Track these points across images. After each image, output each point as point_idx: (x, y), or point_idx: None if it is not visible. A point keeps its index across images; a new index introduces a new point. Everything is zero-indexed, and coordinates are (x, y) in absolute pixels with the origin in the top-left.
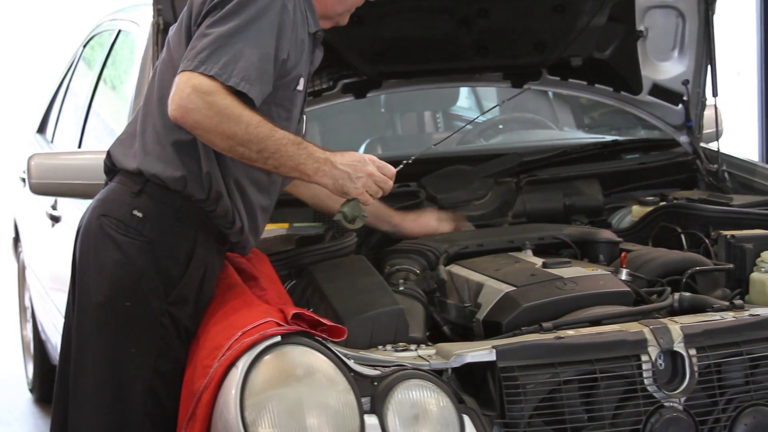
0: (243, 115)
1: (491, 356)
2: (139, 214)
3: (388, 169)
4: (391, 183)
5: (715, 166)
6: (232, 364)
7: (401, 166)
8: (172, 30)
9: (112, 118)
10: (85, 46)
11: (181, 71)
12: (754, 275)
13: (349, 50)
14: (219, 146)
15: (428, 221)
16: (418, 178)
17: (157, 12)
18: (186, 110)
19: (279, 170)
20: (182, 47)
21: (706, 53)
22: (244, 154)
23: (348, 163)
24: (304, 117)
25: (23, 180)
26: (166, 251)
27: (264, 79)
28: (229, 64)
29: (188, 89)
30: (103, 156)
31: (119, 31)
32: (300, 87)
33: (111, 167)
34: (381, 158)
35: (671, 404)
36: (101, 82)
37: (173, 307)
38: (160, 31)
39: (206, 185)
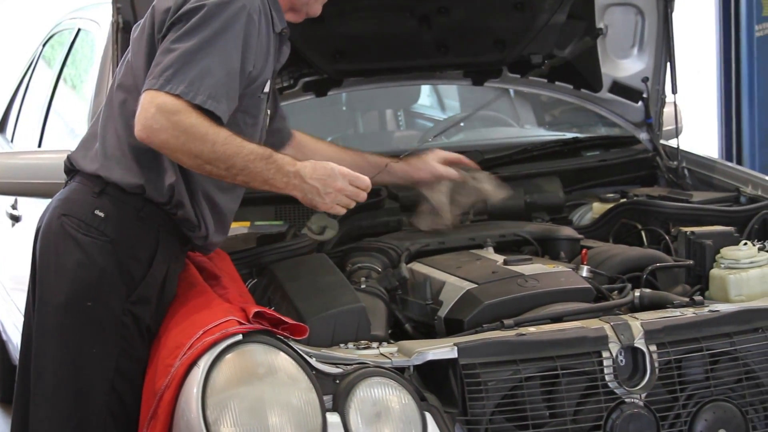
0: (209, 133)
1: (453, 354)
2: (101, 214)
3: (360, 181)
4: (363, 195)
5: (675, 162)
6: (193, 362)
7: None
8: (134, 32)
9: (72, 117)
10: (44, 45)
11: (146, 90)
12: (714, 271)
13: (310, 48)
14: (187, 164)
15: (433, 166)
16: None
17: (117, 11)
18: (152, 130)
19: (249, 185)
20: (142, 54)
21: (665, 51)
22: (213, 171)
23: (318, 177)
24: (269, 111)
25: None
26: (127, 251)
27: (230, 94)
28: (195, 82)
29: (153, 109)
30: (64, 155)
31: (79, 30)
32: (266, 90)
33: (71, 167)
34: None
35: (632, 400)
36: (61, 81)
37: (135, 307)
38: (119, 30)
39: (167, 194)
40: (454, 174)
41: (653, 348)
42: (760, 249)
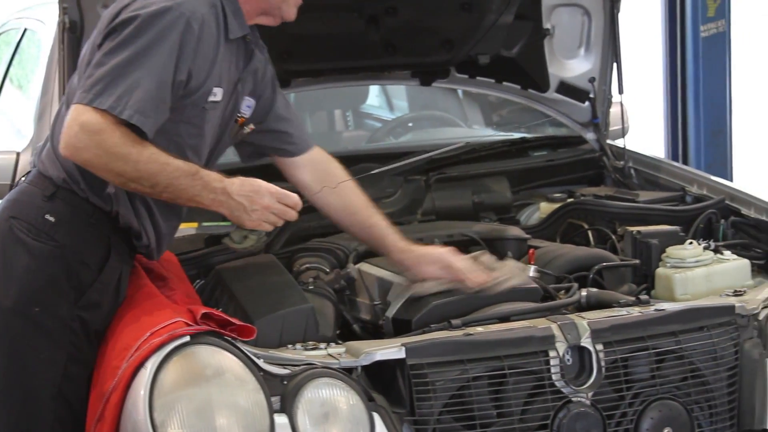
0: (131, 153)
1: (400, 354)
2: (52, 219)
3: (289, 199)
4: (292, 213)
5: (622, 162)
6: (140, 364)
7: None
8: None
9: (19, 117)
10: None
11: (75, 104)
12: (660, 270)
13: None
14: (112, 182)
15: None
16: None
17: (63, 10)
18: (75, 149)
19: (176, 201)
20: (85, 62)
21: (611, 51)
22: (138, 188)
23: (244, 193)
24: (240, 119)
25: None
26: (77, 257)
27: (160, 108)
28: (123, 96)
29: (76, 127)
30: (10, 156)
31: (25, 30)
32: (214, 99)
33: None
34: None
35: (579, 399)
36: (7, 82)
37: (84, 312)
38: (65, 30)
39: (108, 204)
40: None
41: (600, 347)
42: (705, 248)
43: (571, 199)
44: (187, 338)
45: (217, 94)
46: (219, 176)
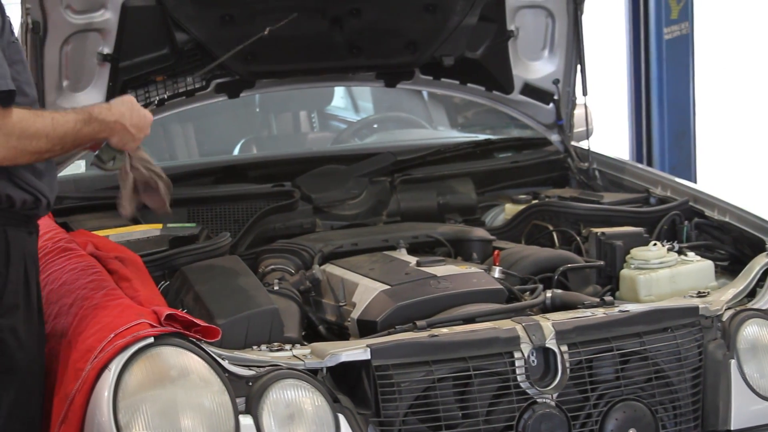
0: (39, 129)
1: (366, 355)
2: None
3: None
4: None
5: (586, 164)
6: (104, 366)
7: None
8: None
9: None
10: None
11: None
12: (624, 272)
13: (222, 50)
14: (25, 163)
15: None
16: (293, 178)
17: (26, 11)
18: None
19: (77, 149)
20: None
21: (575, 53)
22: (49, 156)
23: (134, 124)
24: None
25: None
26: None
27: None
28: None
29: None
30: None
31: None
32: (15, 32)
33: None
34: (255, 159)
35: (544, 400)
36: None
37: (5, 319)
38: (29, 31)
39: None
40: None
41: (564, 348)
42: (669, 249)
43: (535, 201)
44: (152, 339)
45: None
46: (106, 107)
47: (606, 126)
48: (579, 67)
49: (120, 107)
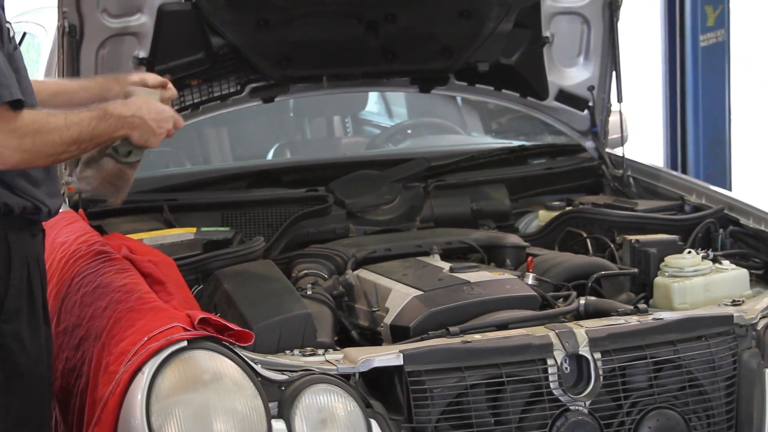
0: (52, 130)
1: (398, 360)
2: None
3: (180, 122)
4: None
5: (620, 171)
6: (138, 369)
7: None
8: None
9: None
10: None
11: None
12: (658, 279)
13: (257, 54)
14: (43, 165)
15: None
16: (326, 183)
17: (62, 15)
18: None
19: (96, 147)
20: None
21: (611, 59)
22: (68, 157)
23: (154, 118)
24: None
25: None
26: None
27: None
28: None
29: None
30: None
31: (24, 34)
32: (12, 42)
33: None
34: (289, 163)
35: (576, 407)
36: None
37: (7, 324)
38: (65, 34)
39: None
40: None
41: (597, 355)
42: (703, 257)
43: (569, 208)
44: (185, 343)
45: (13, 32)
46: (121, 103)
47: (641, 133)
48: (614, 73)
49: (136, 101)
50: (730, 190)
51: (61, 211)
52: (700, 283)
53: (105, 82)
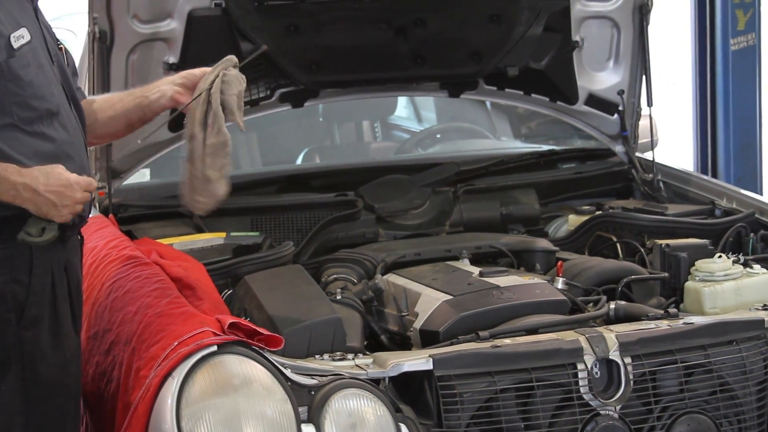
0: None
1: (428, 365)
2: None
3: (92, 185)
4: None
5: (651, 175)
6: (168, 374)
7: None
8: None
9: None
10: None
11: None
12: (689, 284)
13: (286, 59)
14: None
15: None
16: (356, 188)
17: (93, 21)
18: None
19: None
20: None
21: (641, 63)
22: None
23: (54, 189)
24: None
25: None
26: (5, 277)
27: None
28: None
29: None
30: None
31: None
32: (17, 44)
33: None
34: (318, 168)
35: (607, 412)
36: None
37: (27, 332)
38: (95, 40)
39: (8, 208)
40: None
41: (628, 360)
42: (734, 262)
43: (599, 212)
44: (215, 348)
45: (18, 41)
46: (18, 169)
47: (671, 137)
48: (644, 77)
49: (33, 171)
50: (760, 194)
51: (91, 216)
52: (730, 288)
53: (151, 83)
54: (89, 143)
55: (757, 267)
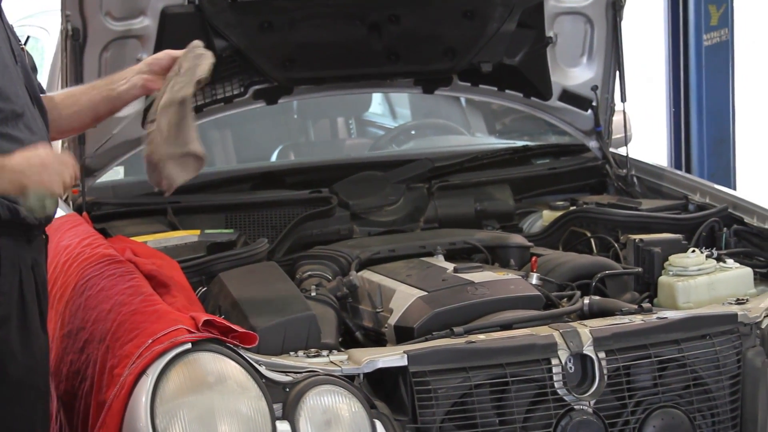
0: None
1: (403, 361)
2: None
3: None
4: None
5: (624, 170)
6: (142, 372)
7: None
8: None
9: None
10: None
11: None
12: (663, 278)
13: (260, 56)
14: None
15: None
16: (330, 184)
17: (66, 18)
18: None
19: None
20: None
21: (614, 59)
22: None
23: (43, 161)
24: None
25: None
26: None
27: None
28: None
29: None
30: None
31: (28, 37)
32: None
33: None
34: (293, 165)
35: (581, 407)
36: None
37: None
38: (68, 38)
39: None
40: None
41: (602, 355)
42: (708, 256)
43: (573, 207)
44: (189, 345)
45: None
46: (5, 157)
47: (645, 132)
48: (618, 73)
49: (15, 155)
50: (734, 189)
51: (64, 214)
52: (704, 282)
53: (113, 75)
54: (52, 138)
55: (730, 261)
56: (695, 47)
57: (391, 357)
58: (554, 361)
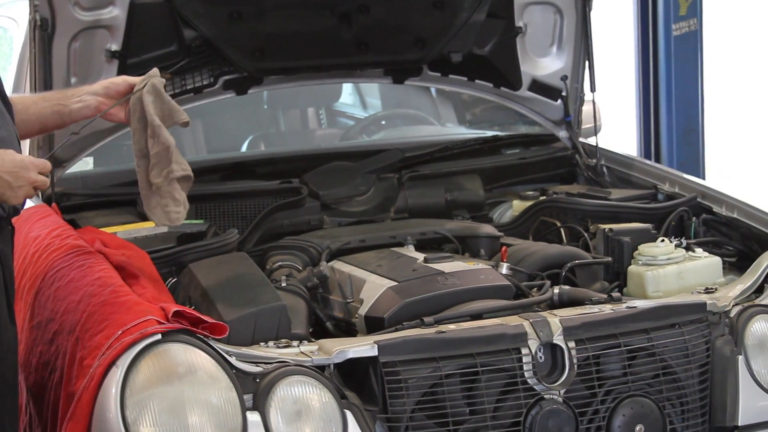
0: None
1: (373, 351)
2: None
3: (46, 167)
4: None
5: (594, 160)
6: (112, 363)
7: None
8: None
9: None
10: None
11: None
12: (632, 268)
13: (229, 46)
14: None
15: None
16: (300, 175)
17: (34, 8)
18: None
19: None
20: None
21: (584, 49)
22: None
23: (8, 170)
24: None
25: None
26: None
27: None
28: None
29: None
30: None
31: None
32: None
33: None
34: (263, 156)
35: (551, 396)
36: None
37: None
38: (37, 28)
39: None
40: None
41: (572, 344)
42: (677, 246)
43: (543, 197)
44: (159, 336)
45: None
46: None
47: (614, 122)
48: (587, 63)
49: None
50: (703, 178)
51: (34, 205)
52: (673, 272)
53: (67, 90)
54: None
55: (699, 251)
56: (664, 37)
57: (362, 347)
58: (524, 351)
